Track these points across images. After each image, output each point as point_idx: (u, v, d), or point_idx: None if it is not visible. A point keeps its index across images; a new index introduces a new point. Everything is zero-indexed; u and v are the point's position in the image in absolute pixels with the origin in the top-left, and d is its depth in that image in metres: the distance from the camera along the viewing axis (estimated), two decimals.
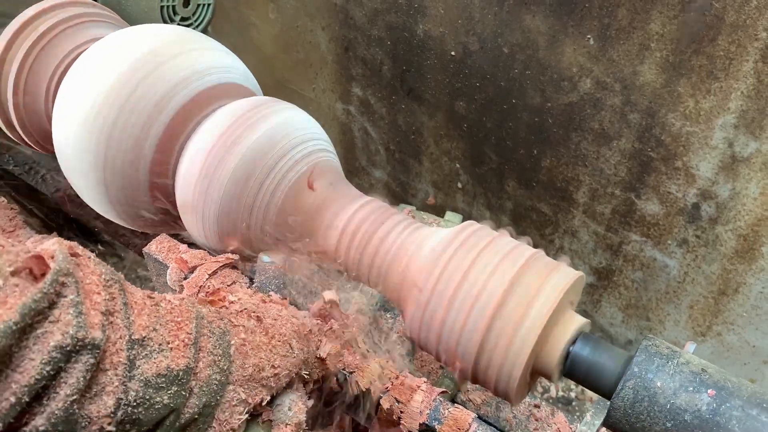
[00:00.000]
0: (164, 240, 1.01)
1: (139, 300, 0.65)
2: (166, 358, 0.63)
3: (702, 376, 0.70)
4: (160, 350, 0.63)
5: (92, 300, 0.59)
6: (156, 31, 1.03)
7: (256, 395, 0.72)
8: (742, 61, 1.36)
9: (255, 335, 0.74)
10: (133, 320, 0.62)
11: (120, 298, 0.62)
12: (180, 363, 0.64)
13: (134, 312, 0.63)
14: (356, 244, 0.90)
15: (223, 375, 0.69)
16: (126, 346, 0.60)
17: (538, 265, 0.78)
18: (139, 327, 0.62)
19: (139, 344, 0.61)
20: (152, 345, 0.63)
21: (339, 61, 2.18)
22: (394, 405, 0.82)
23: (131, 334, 0.61)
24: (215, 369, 0.68)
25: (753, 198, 1.50)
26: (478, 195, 2.10)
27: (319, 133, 1.02)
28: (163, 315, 0.66)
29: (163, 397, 0.62)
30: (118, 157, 0.97)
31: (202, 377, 0.67)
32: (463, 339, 0.77)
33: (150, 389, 0.61)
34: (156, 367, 0.62)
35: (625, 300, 1.93)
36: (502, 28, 1.67)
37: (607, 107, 1.61)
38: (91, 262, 0.62)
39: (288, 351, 0.76)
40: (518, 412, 1.11)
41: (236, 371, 0.70)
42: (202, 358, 0.67)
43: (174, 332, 0.65)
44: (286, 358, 0.76)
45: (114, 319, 0.60)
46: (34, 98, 1.18)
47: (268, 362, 0.73)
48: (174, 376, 0.63)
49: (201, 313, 0.70)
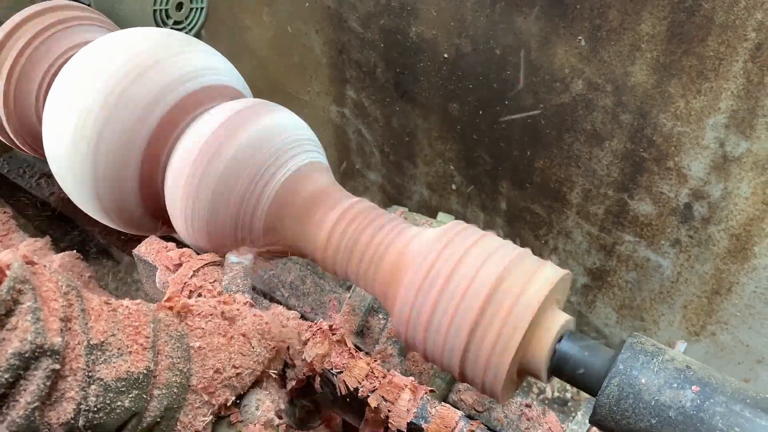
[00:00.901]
0: (153, 242, 1.01)
1: (97, 306, 0.66)
2: (125, 362, 0.63)
3: (686, 372, 0.70)
4: (119, 354, 0.63)
5: (50, 307, 0.59)
6: (144, 34, 1.03)
7: (218, 396, 0.72)
8: (732, 61, 1.37)
9: (213, 336, 0.74)
10: (91, 326, 0.63)
11: (77, 305, 0.62)
12: (140, 366, 0.64)
13: (92, 318, 0.64)
14: (344, 244, 0.90)
15: (183, 377, 0.69)
16: (85, 351, 0.60)
17: (524, 264, 0.78)
18: (97, 332, 0.63)
19: (97, 349, 0.62)
20: (111, 350, 0.63)
21: (333, 64, 2.18)
22: (381, 404, 0.83)
23: (89, 339, 0.61)
24: (175, 372, 0.68)
25: (745, 197, 1.51)
26: (473, 196, 2.10)
27: (308, 135, 1.03)
28: (121, 320, 0.67)
29: (124, 401, 0.63)
30: (108, 163, 0.97)
31: (162, 380, 0.67)
32: (450, 337, 0.77)
33: (110, 393, 0.61)
34: (116, 371, 0.62)
35: (619, 300, 1.94)
36: (494, 30, 1.67)
37: (599, 108, 1.61)
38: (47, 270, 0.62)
39: (249, 350, 0.76)
40: (509, 411, 1.12)
41: (196, 373, 0.71)
42: (161, 361, 0.67)
43: (132, 336, 0.66)
44: (248, 357, 0.76)
45: (72, 325, 0.60)
46: (24, 102, 1.18)
47: (228, 362, 0.73)
48: (134, 379, 0.63)
49: (158, 317, 0.71)
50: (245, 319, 0.79)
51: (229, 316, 0.78)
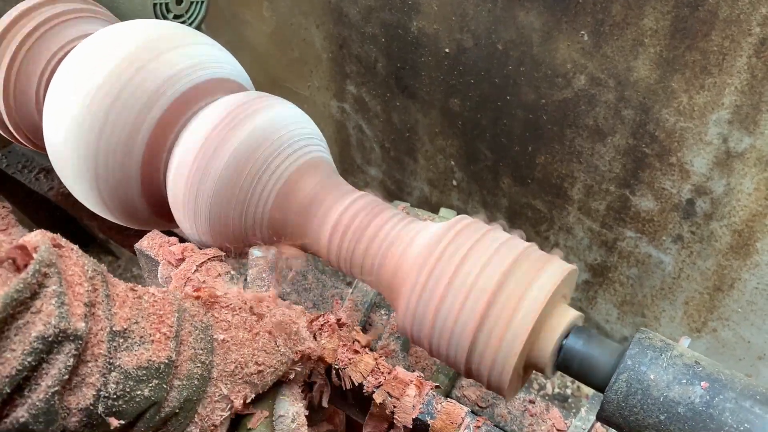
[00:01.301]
0: (156, 236, 1.01)
1: (122, 292, 0.65)
2: (147, 350, 0.62)
3: (695, 368, 0.70)
4: (141, 342, 0.63)
5: (75, 291, 0.58)
6: (145, 26, 1.02)
7: (239, 392, 0.71)
8: (736, 56, 1.36)
9: (239, 331, 0.73)
10: (115, 312, 0.62)
11: (102, 290, 0.61)
12: (161, 356, 0.63)
13: (116, 304, 0.63)
14: (348, 238, 0.90)
15: (205, 369, 0.68)
16: (107, 337, 0.59)
17: (531, 259, 0.77)
18: (120, 319, 0.62)
19: (120, 336, 0.61)
20: (133, 337, 0.62)
21: (334, 59, 2.17)
22: (386, 400, 0.82)
23: (112, 326, 0.60)
24: (197, 363, 0.67)
25: (747, 193, 1.51)
26: (473, 192, 2.09)
27: (311, 129, 1.02)
28: (146, 308, 0.66)
29: (143, 390, 0.62)
30: (110, 155, 0.96)
31: (183, 371, 0.66)
32: (455, 333, 0.76)
33: (131, 381, 0.61)
34: (137, 359, 0.61)
35: (620, 296, 1.93)
36: (496, 25, 1.67)
37: (602, 103, 1.61)
38: (74, 254, 0.61)
39: (273, 348, 0.75)
40: (513, 407, 1.11)
41: (218, 366, 0.70)
42: (184, 351, 0.66)
43: (156, 325, 0.65)
44: (272, 356, 0.74)
45: (96, 310, 0.60)
46: (24, 96, 1.17)
47: (251, 358, 0.72)
48: (155, 369, 0.63)
49: (183, 307, 0.70)
50: (274, 317, 0.77)
51: (258, 312, 0.77)
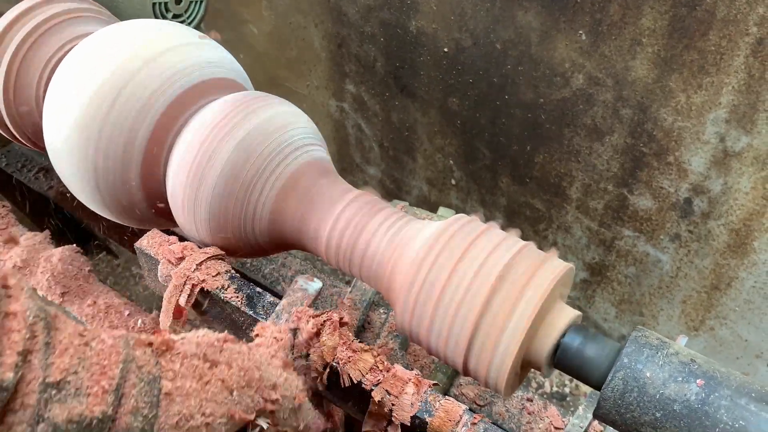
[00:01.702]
0: (156, 235, 1.01)
1: (66, 338, 0.62)
2: (80, 404, 0.60)
3: (691, 366, 0.70)
4: (75, 395, 0.60)
5: (10, 338, 0.56)
6: (144, 26, 1.03)
7: None
8: (733, 56, 1.37)
9: (186, 380, 0.69)
10: (52, 362, 0.59)
11: (42, 337, 0.59)
12: (95, 410, 0.61)
13: (56, 352, 0.60)
14: (347, 237, 0.90)
15: (147, 423, 0.65)
16: (39, 388, 0.57)
17: (528, 257, 0.78)
18: (56, 369, 0.59)
19: (53, 387, 0.59)
20: (68, 389, 0.60)
21: (332, 58, 2.18)
22: (385, 398, 0.83)
23: (46, 377, 0.58)
24: (138, 417, 0.65)
25: (745, 192, 1.51)
26: (472, 191, 2.10)
27: (310, 128, 1.03)
28: (89, 356, 0.63)
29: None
30: (109, 155, 0.96)
31: (122, 424, 0.64)
32: (454, 331, 0.77)
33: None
34: (68, 413, 0.59)
35: (618, 295, 1.94)
36: (495, 24, 1.67)
37: (600, 103, 1.61)
38: (23, 296, 0.59)
39: (225, 398, 0.71)
40: (511, 405, 1.12)
41: (160, 419, 0.67)
42: (125, 404, 0.64)
43: (96, 377, 0.62)
44: (223, 406, 0.71)
45: (32, 358, 0.58)
46: (24, 95, 1.18)
47: (198, 410, 0.69)
48: (86, 423, 0.60)
49: (131, 356, 0.67)
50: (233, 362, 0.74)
51: (212, 359, 0.73)
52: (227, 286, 0.94)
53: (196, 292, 0.94)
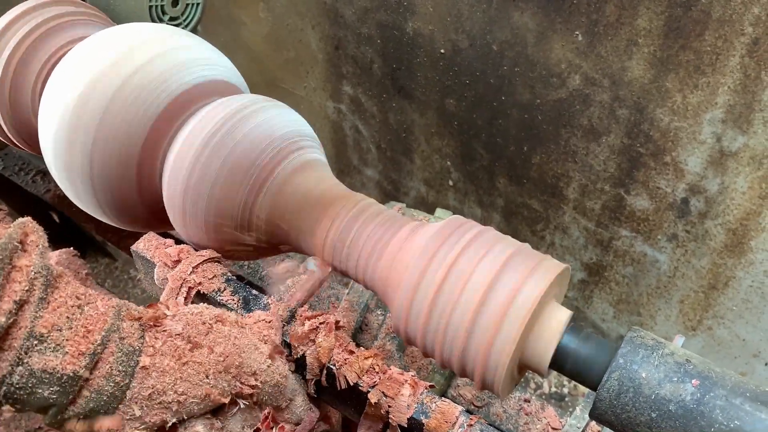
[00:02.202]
0: (152, 238, 1.01)
1: (61, 298, 0.69)
2: (56, 358, 0.67)
3: (686, 366, 0.70)
4: (54, 350, 0.67)
5: (11, 287, 0.64)
6: (141, 29, 1.03)
7: (154, 416, 0.74)
8: (729, 56, 1.37)
9: (164, 358, 0.75)
10: (42, 315, 0.67)
11: (38, 292, 0.66)
12: (67, 368, 0.67)
13: (49, 308, 0.68)
14: (343, 239, 0.90)
15: (118, 389, 0.71)
16: (24, 335, 0.65)
17: (523, 258, 0.78)
18: (44, 323, 0.67)
19: (37, 338, 0.66)
20: (49, 343, 0.67)
21: (329, 60, 2.18)
22: (381, 399, 0.83)
23: (33, 327, 0.65)
24: (110, 382, 0.70)
25: (741, 192, 1.51)
26: (470, 192, 2.10)
27: (306, 130, 1.03)
28: (78, 318, 0.70)
29: (44, 391, 0.67)
30: (105, 158, 0.96)
31: (94, 385, 0.70)
32: (448, 334, 0.77)
33: (33, 379, 0.66)
34: (44, 363, 0.66)
35: (616, 295, 1.94)
36: (491, 25, 1.67)
37: (596, 103, 1.61)
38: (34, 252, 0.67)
39: (200, 380, 0.76)
40: (508, 406, 1.12)
41: (134, 389, 0.72)
42: (100, 368, 0.70)
43: (78, 338, 0.69)
44: (197, 387, 0.75)
45: (26, 308, 0.65)
46: (21, 98, 1.18)
47: (171, 387, 0.74)
48: (57, 377, 0.67)
49: (116, 327, 0.72)
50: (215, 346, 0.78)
51: (194, 341, 0.77)
52: (224, 288, 0.95)
53: (192, 294, 0.94)
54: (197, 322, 0.79)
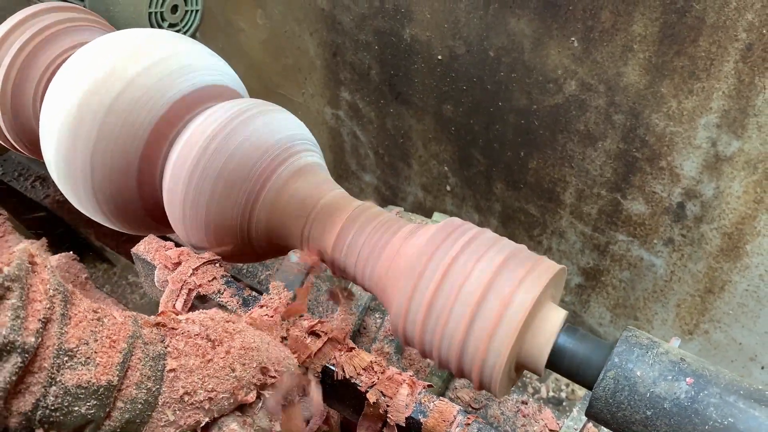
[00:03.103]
0: (152, 240, 1.02)
1: (81, 312, 0.69)
2: (89, 372, 0.66)
3: (681, 365, 0.71)
4: (85, 363, 0.66)
5: (33, 307, 0.63)
6: (141, 35, 1.04)
7: (188, 417, 0.74)
8: (723, 61, 1.39)
9: (189, 358, 0.75)
10: (67, 331, 0.66)
11: (60, 309, 0.66)
12: (102, 379, 0.67)
13: (71, 323, 0.67)
14: (342, 242, 0.91)
15: (150, 396, 0.71)
16: (53, 353, 0.64)
17: (520, 260, 0.79)
18: (71, 337, 0.66)
19: (66, 354, 0.65)
20: (80, 357, 0.66)
21: (327, 66, 2.19)
22: (380, 399, 0.83)
23: (61, 344, 0.65)
24: (142, 389, 0.71)
25: (737, 196, 1.53)
26: (467, 197, 2.11)
27: (305, 134, 1.04)
28: (100, 330, 0.69)
29: (81, 408, 0.66)
30: (106, 162, 0.97)
31: (127, 395, 0.69)
32: (446, 334, 0.78)
33: (69, 397, 0.65)
34: (78, 378, 0.65)
35: (613, 300, 1.95)
36: (488, 32, 1.69)
37: (592, 108, 1.63)
38: (46, 272, 0.66)
39: (227, 374, 0.76)
40: (506, 408, 1.12)
41: (165, 393, 0.73)
42: (130, 376, 0.70)
43: (106, 349, 0.69)
44: (225, 381, 0.76)
45: (50, 326, 0.64)
46: (22, 103, 1.19)
47: (201, 386, 0.75)
48: (94, 390, 0.66)
49: (139, 333, 0.73)
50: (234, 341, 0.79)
51: (214, 338, 0.78)
52: (223, 290, 0.95)
53: (192, 296, 0.94)
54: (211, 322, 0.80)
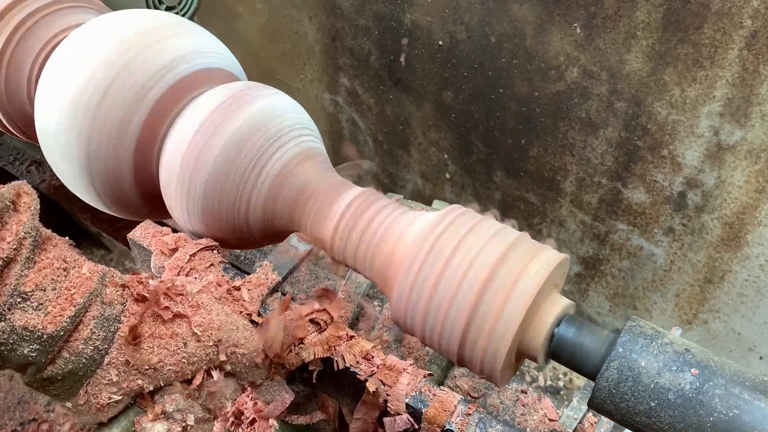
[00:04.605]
0: (149, 226, 1.01)
1: (48, 259, 0.71)
2: (38, 317, 0.69)
3: (685, 355, 0.70)
4: (36, 308, 0.69)
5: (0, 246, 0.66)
6: (138, 16, 1.02)
7: (131, 381, 0.76)
8: (728, 49, 1.37)
9: (144, 326, 0.77)
10: (27, 274, 0.69)
11: (26, 252, 0.69)
12: (48, 328, 0.69)
13: (35, 267, 0.70)
14: (341, 228, 0.90)
15: (97, 353, 0.73)
16: (8, 292, 0.67)
17: (523, 248, 0.78)
18: (29, 281, 0.69)
19: (20, 295, 0.68)
20: (32, 302, 0.69)
21: (326, 51, 2.17)
22: (380, 388, 0.82)
23: (18, 285, 0.68)
24: (89, 345, 0.73)
25: (738, 186, 1.51)
26: (466, 185, 2.10)
27: (304, 119, 1.02)
28: (62, 281, 0.72)
29: (24, 348, 0.69)
30: (102, 144, 0.96)
31: (74, 348, 0.72)
32: (448, 322, 0.77)
33: (14, 335, 0.68)
34: (25, 321, 0.68)
35: (612, 289, 1.94)
36: (490, 17, 1.67)
37: (594, 96, 1.61)
38: (27, 212, 0.70)
39: (177, 348, 0.78)
40: (505, 397, 1.12)
41: (113, 353, 0.74)
42: (80, 330, 0.72)
43: (60, 300, 0.71)
44: (174, 355, 0.77)
45: (12, 266, 0.68)
46: (16, 85, 1.17)
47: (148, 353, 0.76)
48: (37, 336, 0.69)
49: (99, 291, 0.74)
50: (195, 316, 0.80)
51: (175, 310, 0.79)
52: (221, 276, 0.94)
53: None
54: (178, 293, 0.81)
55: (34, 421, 2.02)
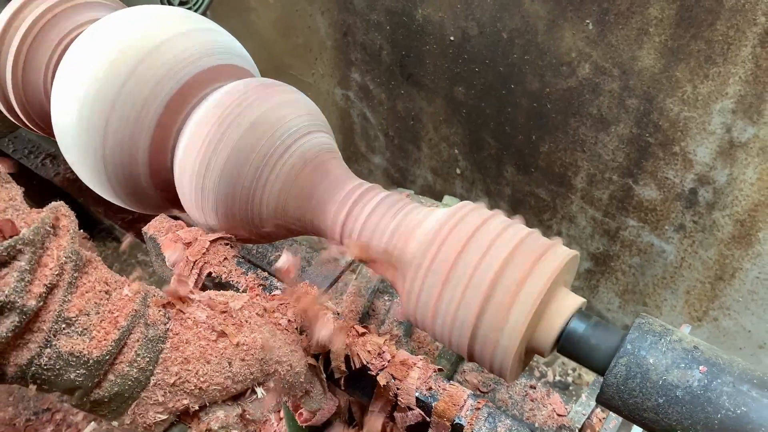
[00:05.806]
0: (163, 220, 1.02)
1: (90, 283, 0.71)
2: (83, 342, 0.68)
3: (694, 353, 0.71)
4: (82, 333, 0.68)
5: (42, 272, 0.66)
6: (152, 12, 1.03)
7: (177, 401, 0.76)
8: (741, 45, 1.37)
9: (188, 346, 0.76)
10: (71, 299, 0.68)
11: (68, 277, 0.68)
12: (93, 353, 0.68)
13: (77, 292, 0.69)
14: (352, 224, 0.91)
15: (143, 375, 0.73)
16: (53, 318, 0.66)
17: (533, 244, 0.78)
18: (73, 306, 0.68)
19: (65, 321, 0.68)
20: (77, 327, 0.68)
21: (338, 46, 2.17)
22: (390, 382, 0.83)
23: (62, 311, 0.67)
24: (134, 368, 0.72)
25: (750, 183, 1.51)
26: (477, 181, 2.10)
27: (317, 116, 1.03)
28: (105, 304, 0.71)
29: (71, 374, 0.68)
30: (117, 139, 0.97)
31: (119, 370, 0.71)
32: (459, 317, 0.77)
33: (60, 362, 0.67)
34: (71, 346, 0.67)
35: (622, 285, 1.94)
36: (501, 13, 1.67)
37: (606, 92, 1.61)
38: (66, 238, 0.69)
39: (224, 368, 0.77)
40: (514, 392, 1.13)
41: (158, 375, 0.74)
42: (125, 353, 0.71)
43: (105, 323, 0.70)
44: (219, 374, 0.77)
45: (55, 292, 0.67)
46: (33, 79, 1.18)
47: (194, 374, 0.76)
48: (83, 361, 0.68)
49: (142, 313, 0.74)
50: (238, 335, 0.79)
51: (219, 330, 0.78)
52: (235, 270, 0.95)
53: (204, 276, 0.94)
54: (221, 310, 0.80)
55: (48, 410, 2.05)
